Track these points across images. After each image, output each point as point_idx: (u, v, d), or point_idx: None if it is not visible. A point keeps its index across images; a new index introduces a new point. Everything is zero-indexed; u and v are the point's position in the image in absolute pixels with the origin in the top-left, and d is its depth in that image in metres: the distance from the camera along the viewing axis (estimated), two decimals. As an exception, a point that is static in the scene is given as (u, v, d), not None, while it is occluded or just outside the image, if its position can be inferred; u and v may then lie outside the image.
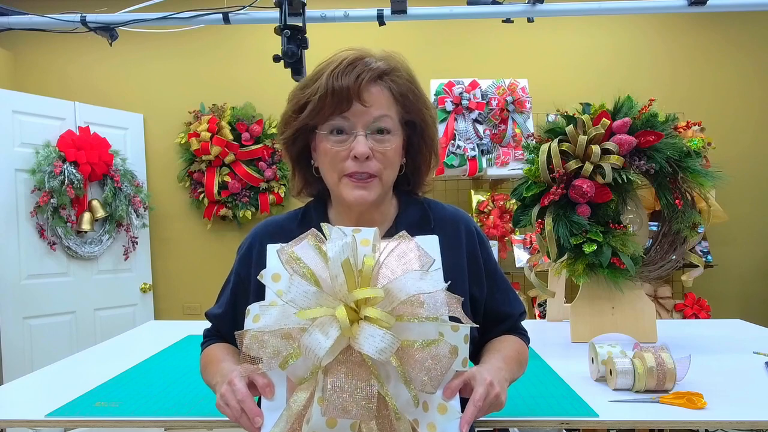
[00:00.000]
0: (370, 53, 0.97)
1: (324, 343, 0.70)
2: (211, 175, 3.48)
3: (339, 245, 0.75)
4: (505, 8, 2.03)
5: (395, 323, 0.73)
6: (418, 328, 0.74)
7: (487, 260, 1.07)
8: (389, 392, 0.74)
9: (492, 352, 1.01)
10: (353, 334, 0.72)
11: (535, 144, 1.80)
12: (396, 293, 0.74)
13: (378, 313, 0.72)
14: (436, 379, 0.74)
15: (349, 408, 0.71)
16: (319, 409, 0.72)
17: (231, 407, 0.81)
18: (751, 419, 1.15)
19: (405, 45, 3.44)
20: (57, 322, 3.09)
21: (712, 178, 1.73)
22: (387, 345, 0.70)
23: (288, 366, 0.75)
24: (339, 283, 0.74)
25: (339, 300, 0.74)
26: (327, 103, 0.93)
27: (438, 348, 0.74)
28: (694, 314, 3.25)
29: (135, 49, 3.52)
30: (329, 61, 0.96)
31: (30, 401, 1.36)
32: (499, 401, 0.84)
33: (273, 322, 0.76)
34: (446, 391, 0.80)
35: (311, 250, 0.78)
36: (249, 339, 0.76)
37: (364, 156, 0.93)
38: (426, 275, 0.76)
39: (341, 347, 0.73)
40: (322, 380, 0.73)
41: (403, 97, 0.97)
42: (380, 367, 0.74)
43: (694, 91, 3.54)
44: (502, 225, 3.18)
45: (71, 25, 2.00)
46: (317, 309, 0.73)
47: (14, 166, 2.93)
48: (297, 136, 1.00)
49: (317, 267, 0.77)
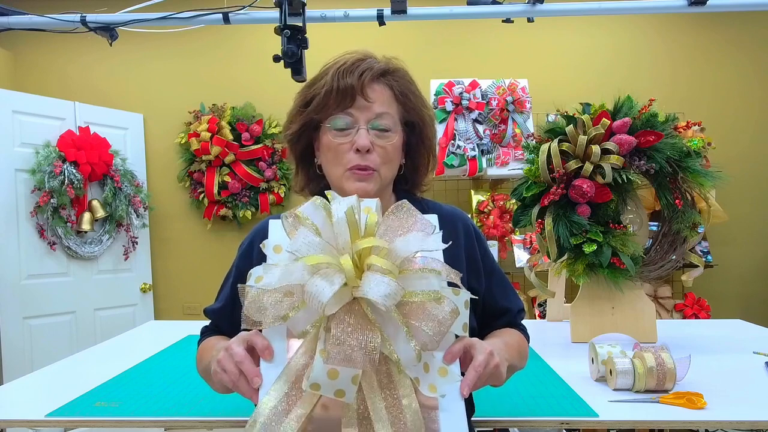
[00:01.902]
0: (373, 55, 1.04)
1: (328, 289, 0.69)
2: (211, 175, 3.48)
3: (344, 204, 0.76)
4: (505, 8, 2.03)
5: (399, 276, 0.74)
6: (420, 281, 0.75)
7: (484, 257, 1.09)
8: (392, 347, 0.74)
9: (492, 336, 1.03)
10: (357, 284, 0.72)
11: (535, 144, 1.80)
12: (399, 251, 0.76)
13: (382, 262, 0.72)
14: (437, 335, 0.74)
15: (352, 357, 0.70)
16: (320, 360, 0.71)
17: (228, 371, 0.79)
18: (751, 419, 1.15)
19: (405, 45, 3.45)
20: (57, 322, 3.09)
21: (712, 178, 1.73)
22: (392, 291, 0.70)
23: (289, 318, 0.74)
24: (343, 237, 0.75)
25: (343, 253, 0.74)
26: (332, 98, 0.99)
27: (440, 305, 0.74)
28: (694, 314, 3.25)
29: (135, 49, 3.52)
30: (335, 60, 1.03)
31: (30, 401, 1.36)
32: (499, 372, 0.84)
33: (275, 281, 0.75)
34: (447, 355, 0.80)
35: (316, 210, 0.79)
36: (251, 297, 0.75)
37: (365, 148, 0.98)
38: (428, 236, 0.78)
39: (345, 299, 0.72)
40: (324, 334, 0.72)
41: (403, 96, 1.03)
42: (383, 323, 0.73)
43: (694, 91, 3.54)
44: (502, 225, 3.18)
45: (71, 25, 2.00)
46: (322, 256, 0.73)
47: (14, 166, 2.93)
48: (302, 132, 1.05)
49: (322, 224, 0.77)
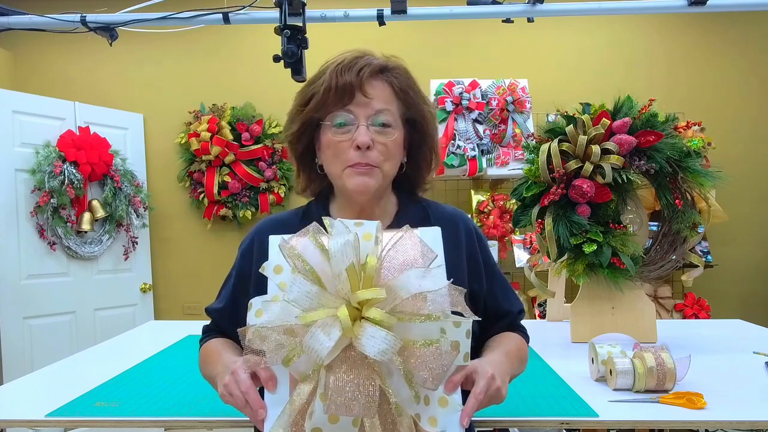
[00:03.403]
0: (372, 52, 1.03)
1: (326, 343, 0.71)
2: (211, 175, 3.48)
3: (341, 242, 0.76)
4: (505, 8, 2.03)
5: (396, 323, 0.74)
6: (420, 328, 0.75)
7: (485, 259, 1.09)
8: (391, 389, 0.74)
9: (493, 347, 1.02)
10: (355, 334, 0.72)
11: (535, 144, 1.80)
12: (398, 291, 0.75)
13: (380, 315, 0.73)
14: (437, 377, 0.75)
15: (351, 405, 0.71)
16: (321, 405, 0.73)
17: (235, 396, 0.82)
18: (751, 419, 1.15)
19: (405, 45, 3.44)
20: (57, 322, 3.09)
21: (712, 178, 1.73)
22: (388, 346, 0.71)
23: (291, 364, 0.76)
24: (341, 281, 0.75)
25: (341, 299, 0.75)
26: (331, 96, 0.98)
27: (439, 346, 0.74)
28: (694, 314, 3.25)
29: (135, 49, 3.52)
30: (334, 59, 1.02)
31: (30, 401, 1.36)
32: (500, 395, 0.85)
33: (275, 318, 0.76)
34: (448, 385, 0.81)
35: (312, 246, 0.79)
36: (252, 334, 0.77)
37: (365, 145, 0.96)
38: (428, 272, 0.77)
39: (343, 346, 0.73)
40: (324, 377, 0.74)
41: (403, 92, 1.01)
42: (382, 364, 0.74)
43: (693, 91, 3.54)
44: (502, 225, 3.17)
45: (71, 25, 2.00)
46: (319, 311, 0.74)
47: (14, 166, 2.93)
48: (302, 132, 1.04)
49: (318, 264, 0.77)
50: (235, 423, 1.22)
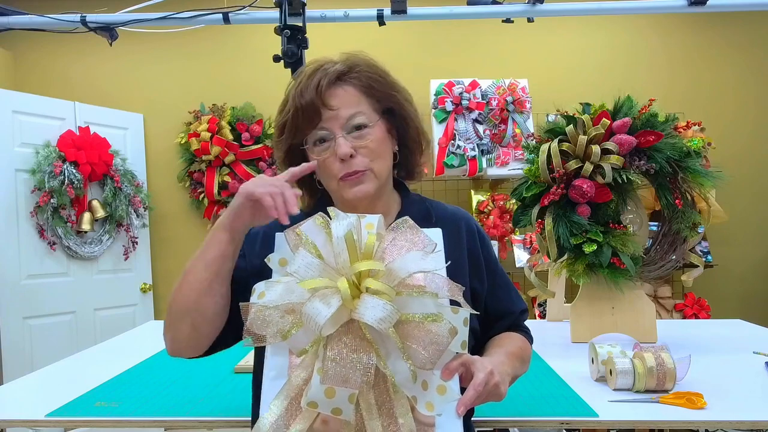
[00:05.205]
0: (329, 60, 1.01)
1: (324, 311, 0.71)
2: (211, 175, 3.48)
3: (344, 224, 0.77)
4: (505, 8, 2.03)
5: (395, 297, 0.75)
6: (418, 303, 0.76)
7: (488, 258, 1.09)
8: (388, 370, 0.75)
9: (494, 347, 1.02)
10: (354, 306, 0.73)
11: (535, 144, 1.80)
12: (397, 271, 0.76)
13: (379, 285, 0.74)
14: (434, 355, 0.75)
15: (348, 377, 0.72)
16: (318, 379, 0.73)
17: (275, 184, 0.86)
18: (751, 419, 1.15)
19: (405, 45, 3.45)
20: (57, 322, 3.09)
21: (712, 178, 1.73)
22: (387, 314, 0.71)
23: (290, 336, 0.76)
24: (342, 258, 0.76)
25: (341, 274, 0.76)
26: (300, 120, 0.98)
27: (437, 325, 0.75)
28: (694, 314, 3.25)
29: (135, 49, 3.52)
30: (294, 79, 1.02)
31: (30, 401, 1.36)
32: (499, 391, 0.85)
33: (277, 297, 0.77)
34: (444, 371, 0.81)
35: (317, 229, 0.80)
36: (253, 313, 0.78)
37: (347, 156, 0.96)
38: (427, 256, 0.78)
39: (342, 320, 0.74)
40: (323, 353, 0.74)
41: (369, 88, 1.00)
42: (380, 343, 0.75)
43: (693, 91, 3.54)
44: (502, 225, 3.18)
45: (71, 25, 1.99)
46: (320, 279, 0.75)
47: (14, 166, 2.93)
48: (291, 160, 1.03)
49: (322, 244, 0.79)
50: (236, 423, 1.22)
